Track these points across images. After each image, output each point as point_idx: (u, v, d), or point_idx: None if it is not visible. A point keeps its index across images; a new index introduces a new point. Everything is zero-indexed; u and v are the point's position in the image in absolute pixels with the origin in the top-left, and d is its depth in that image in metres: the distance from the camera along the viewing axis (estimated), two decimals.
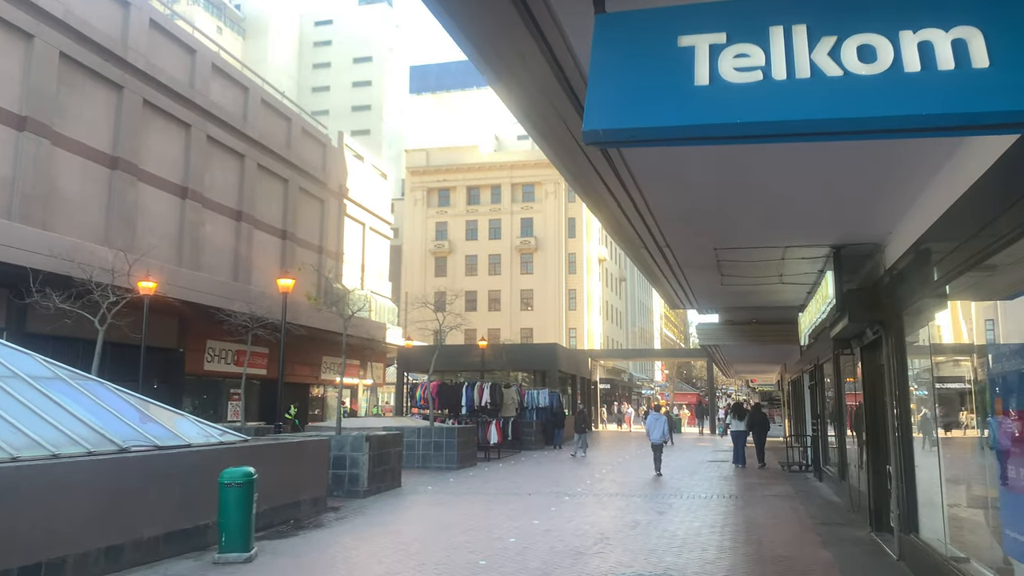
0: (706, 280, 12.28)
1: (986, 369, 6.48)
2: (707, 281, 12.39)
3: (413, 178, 74.16)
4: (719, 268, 10.91)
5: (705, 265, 10.93)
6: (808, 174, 6.96)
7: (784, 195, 7.59)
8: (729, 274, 11.41)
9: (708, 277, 11.94)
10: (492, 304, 70.02)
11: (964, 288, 7.19)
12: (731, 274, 11.43)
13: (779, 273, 11.51)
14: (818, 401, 18.31)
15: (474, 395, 26.86)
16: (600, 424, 54.44)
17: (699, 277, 12.06)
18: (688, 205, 7.79)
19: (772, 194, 7.52)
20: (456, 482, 18.10)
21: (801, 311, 14.30)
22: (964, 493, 7.55)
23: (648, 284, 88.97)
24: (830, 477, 16.57)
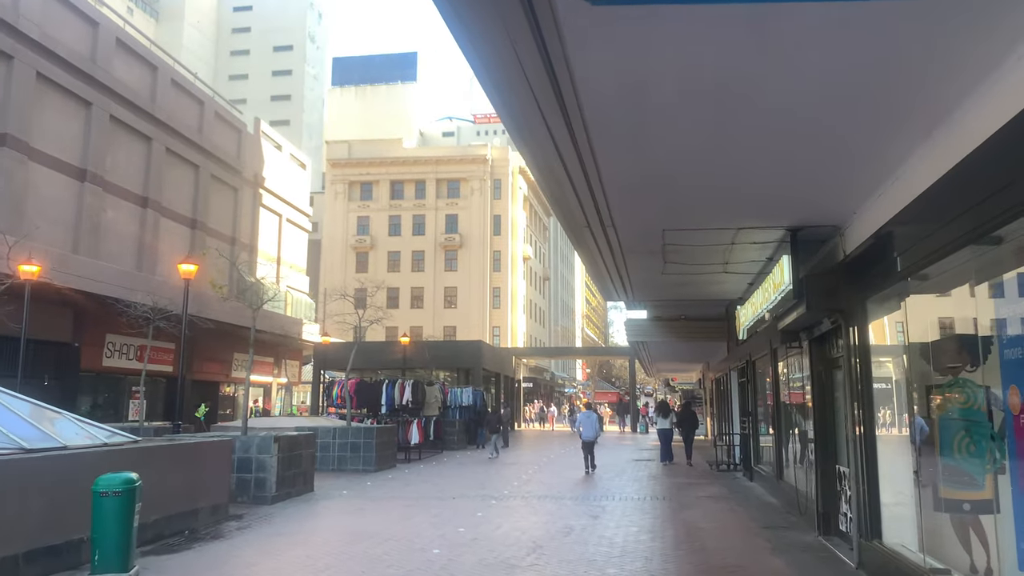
0: (647, 268, 11.48)
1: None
2: (648, 269, 11.58)
3: (334, 171, 72.06)
4: (664, 253, 10.10)
5: (649, 250, 10.10)
6: (773, 142, 6.16)
7: (744, 166, 6.78)
8: (673, 260, 10.62)
9: (650, 264, 11.14)
10: (415, 301, 68.61)
11: (941, 274, 6.51)
12: (675, 260, 10.64)
13: (725, 261, 10.79)
14: (750, 399, 17.83)
15: (395, 393, 25.62)
16: (523, 423, 53.73)
17: (640, 264, 11.25)
18: (642, 172, 6.88)
19: (731, 164, 6.70)
20: (374, 485, 16.90)
21: (740, 304, 13.69)
22: (935, 498, 6.88)
23: (571, 284, 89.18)
24: (764, 477, 16.07)
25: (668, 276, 11.91)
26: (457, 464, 22.65)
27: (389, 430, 21.95)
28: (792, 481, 12.91)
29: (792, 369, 12.94)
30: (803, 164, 6.76)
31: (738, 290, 13.74)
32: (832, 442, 10.06)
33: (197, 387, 33.59)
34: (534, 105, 5.33)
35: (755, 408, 17.22)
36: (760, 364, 16.18)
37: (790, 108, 5.50)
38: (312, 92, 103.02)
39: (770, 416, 14.52)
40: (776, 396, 14.00)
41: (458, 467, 21.73)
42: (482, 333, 62.34)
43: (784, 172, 6.93)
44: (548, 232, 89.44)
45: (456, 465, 22.34)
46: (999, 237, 5.38)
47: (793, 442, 12.91)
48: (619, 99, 5.34)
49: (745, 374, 18.47)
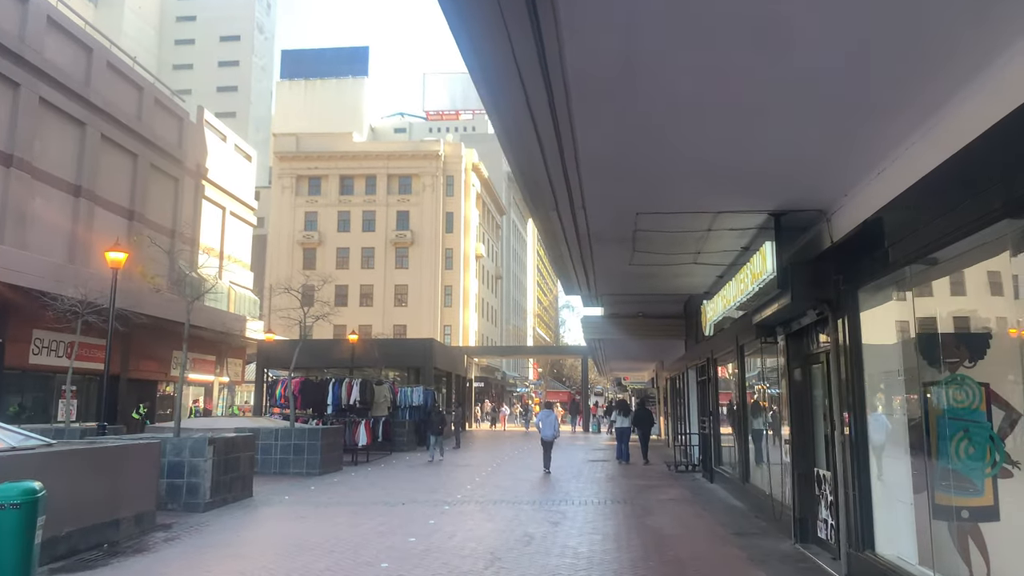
0: (614, 257, 10.75)
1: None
2: (615, 258, 10.86)
3: (282, 164, 70.29)
4: (634, 241, 9.38)
5: (619, 238, 9.37)
6: (766, 116, 5.48)
7: (732, 138, 6.07)
8: (642, 250, 9.91)
9: (618, 254, 10.42)
10: (364, 299, 67.25)
11: (942, 263, 5.90)
12: (644, 250, 9.93)
13: (697, 251, 10.12)
14: (711, 397, 17.28)
15: (342, 393, 24.55)
16: (475, 423, 52.88)
17: (608, 253, 10.51)
18: (622, 142, 6.11)
19: (720, 134, 5.99)
20: (318, 490, 15.89)
21: (707, 299, 13.06)
22: (932, 505, 6.27)
23: (523, 283, 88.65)
24: (726, 479, 15.50)
25: (635, 267, 11.21)
26: (407, 467, 21.71)
27: (335, 431, 20.91)
28: (760, 484, 12.33)
29: (762, 367, 12.36)
30: (796, 138, 6.09)
31: (705, 284, 13.13)
32: (809, 443, 9.45)
33: (134, 386, 32.03)
34: (510, 59, 4.53)
35: (716, 407, 16.67)
36: (724, 361, 15.61)
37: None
38: (260, 84, 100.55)
39: (736, 416, 13.94)
40: (742, 395, 13.42)
41: (408, 470, 20.80)
42: (433, 332, 61.34)
43: (776, 144, 6.25)
44: (501, 231, 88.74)
45: (406, 468, 21.41)
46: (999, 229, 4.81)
47: (762, 443, 12.33)
48: (606, 48, 4.56)
49: (706, 372, 17.92)
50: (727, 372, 15.72)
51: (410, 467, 21.61)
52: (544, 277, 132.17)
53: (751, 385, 13.27)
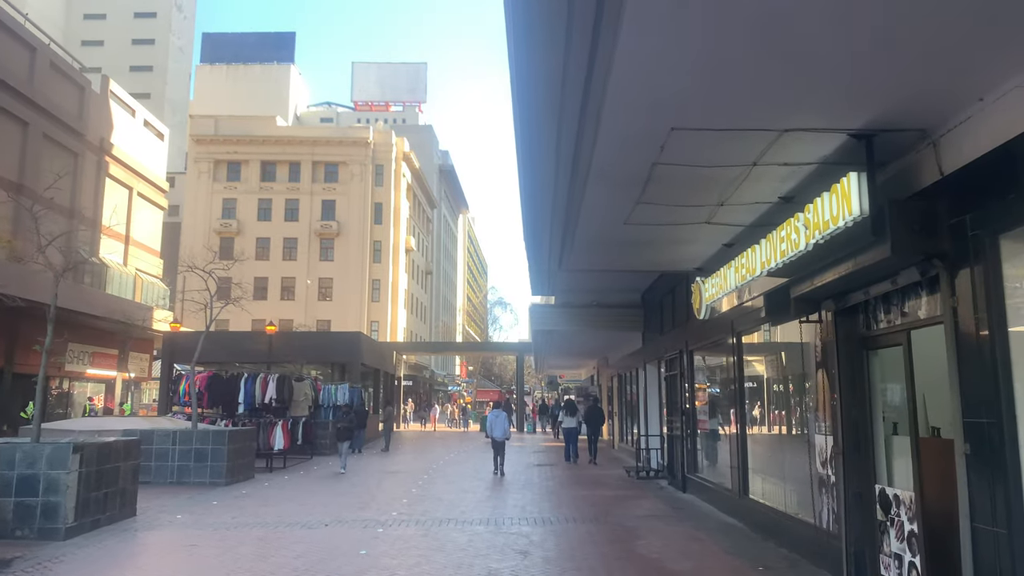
0: (609, 211, 8.36)
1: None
2: (608, 214, 8.47)
3: (198, 148, 65.91)
4: (647, 183, 7.01)
5: (627, 178, 6.99)
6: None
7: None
8: (651, 200, 7.55)
9: (615, 206, 8.04)
10: (285, 292, 63.54)
11: None
12: (653, 200, 7.56)
13: (720, 201, 7.81)
14: (684, 395, 15.10)
15: (255, 389, 21.54)
16: (403, 423, 50.00)
17: (602, 205, 8.10)
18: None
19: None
20: (222, 506, 13.04)
21: (702, 275, 10.80)
22: None
23: (453, 280, 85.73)
24: (708, 490, 13.32)
25: (630, 228, 8.84)
26: (330, 474, 18.90)
27: (246, 433, 17.96)
28: (768, 500, 10.11)
29: (781, 359, 10.14)
30: (905, 40, 3.83)
31: (702, 255, 10.86)
32: (867, 453, 7.24)
33: (22, 382, 28.20)
34: None
35: (692, 406, 14.48)
36: (709, 351, 13.37)
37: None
38: (177, 65, 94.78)
39: (728, 416, 11.71)
40: (738, 391, 11.20)
41: (331, 479, 18.02)
42: (360, 327, 58.12)
43: (878, 44, 3.95)
44: (432, 224, 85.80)
45: (329, 476, 18.60)
46: None
47: (771, 449, 10.12)
48: None
49: (677, 366, 15.74)
50: (712, 364, 13.53)
51: (334, 475, 18.81)
52: (474, 275, 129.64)
53: (752, 379, 11.07)
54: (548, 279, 18.24)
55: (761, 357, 10.98)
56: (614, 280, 18.65)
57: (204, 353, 30.64)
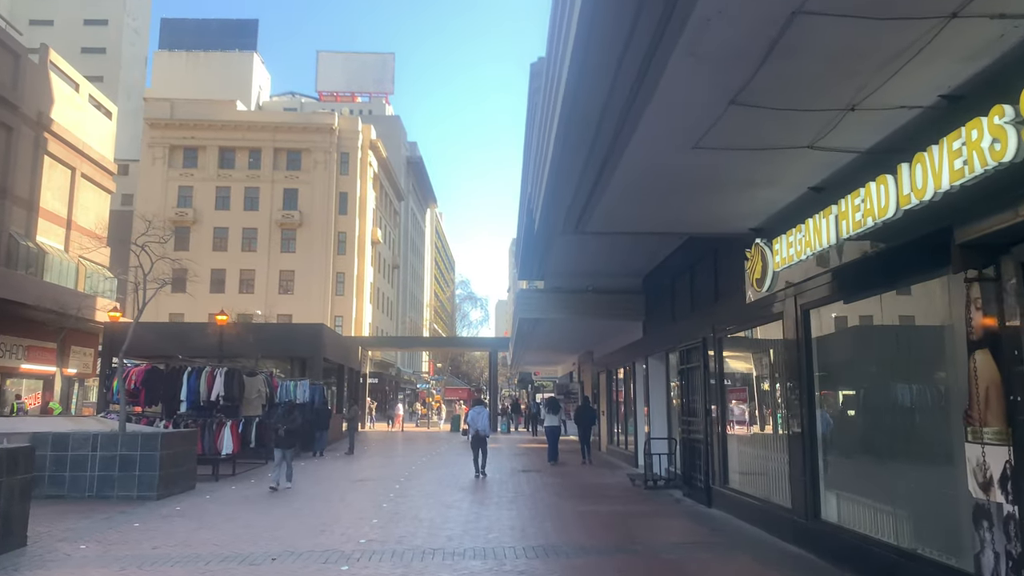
0: (683, 119, 5.90)
1: None
2: (680, 124, 6.02)
3: (153, 132, 62.50)
4: (765, 57, 4.59)
5: (738, 45, 4.56)
6: None
7: None
8: (749, 102, 5.14)
9: (698, 103, 5.60)
10: (244, 285, 60.38)
11: None
12: (754, 101, 5.17)
13: (851, 103, 5.42)
14: (709, 392, 12.74)
15: (200, 385, 18.79)
16: (368, 423, 47.22)
17: (678, 100, 5.62)
18: None
19: None
20: (145, 529, 10.38)
21: (762, 236, 8.43)
22: None
23: (421, 275, 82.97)
24: (743, 505, 10.98)
25: (698, 155, 6.42)
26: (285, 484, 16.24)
27: (185, 436, 15.23)
28: (868, 528, 7.73)
29: (860, 335, 7.77)
30: None
31: (773, 205, 8.39)
32: None
33: None
34: None
35: (722, 404, 12.11)
36: (762, 335, 10.90)
37: None
38: (133, 48, 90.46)
39: (793, 414, 9.29)
40: (805, 384, 8.81)
41: (287, 491, 15.38)
42: (323, 322, 55.14)
43: None
44: (399, 217, 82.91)
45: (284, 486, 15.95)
46: None
47: (879, 462, 7.73)
48: None
49: (698, 356, 13.38)
50: (755, 352, 11.14)
51: (290, 483, 16.17)
52: (442, 272, 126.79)
53: (829, 368, 8.67)
54: (541, 257, 15.84)
55: (847, 337, 8.58)
56: (613, 262, 16.34)
57: (148, 346, 27.74)
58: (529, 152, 10.11)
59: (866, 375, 8.02)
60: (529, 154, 10.15)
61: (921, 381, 6.89)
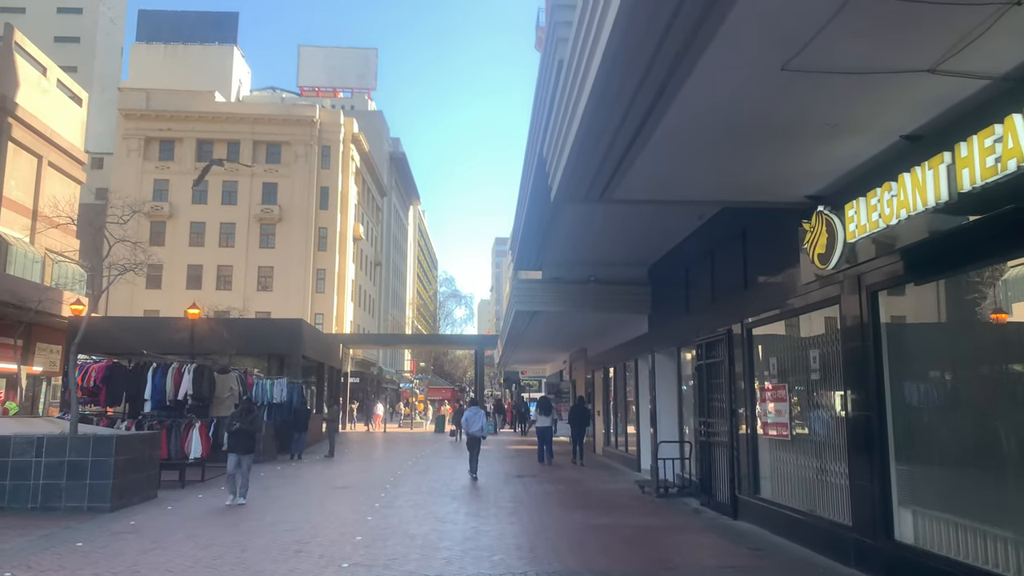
0: (772, 29, 4.50)
1: None
2: (768, 37, 4.61)
3: (128, 123, 60.46)
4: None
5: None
6: None
7: None
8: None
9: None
10: (222, 281, 58.53)
11: None
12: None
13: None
14: (735, 390, 11.38)
15: (167, 383, 17.21)
16: (349, 424, 45.64)
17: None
18: None
19: None
20: (88, 551, 8.85)
21: (827, 204, 7.06)
22: None
23: (403, 272, 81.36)
24: (779, 519, 9.62)
25: (783, 83, 5.02)
26: (259, 490, 14.72)
27: (145, 440, 13.65)
28: (969, 555, 6.36)
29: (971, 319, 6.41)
30: None
31: (847, 163, 6.98)
32: None
33: None
34: None
35: (752, 402, 10.74)
36: (808, 323, 9.50)
37: None
38: (108, 38, 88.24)
39: (863, 414, 7.89)
40: (875, 376, 7.44)
41: (260, 498, 13.85)
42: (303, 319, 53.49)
43: None
44: (382, 214, 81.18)
45: (258, 492, 14.41)
46: None
47: (991, 472, 6.35)
48: None
49: (722, 350, 12.03)
50: (798, 343, 9.76)
51: (264, 491, 14.65)
52: (424, 270, 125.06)
53: (908, 360, 7.28)
54: (541, 243, 14.46)
55: (933, 322, 7.22)
56: (618, 249, 15.04)
57: (115, 342, 26.08)
58: (542, 111, 8.70)
59: (957, 367, 6.67)
60: (542, 114, 8.74)
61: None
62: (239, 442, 12.99)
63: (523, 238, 14.55)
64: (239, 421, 13.20)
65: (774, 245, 9.36)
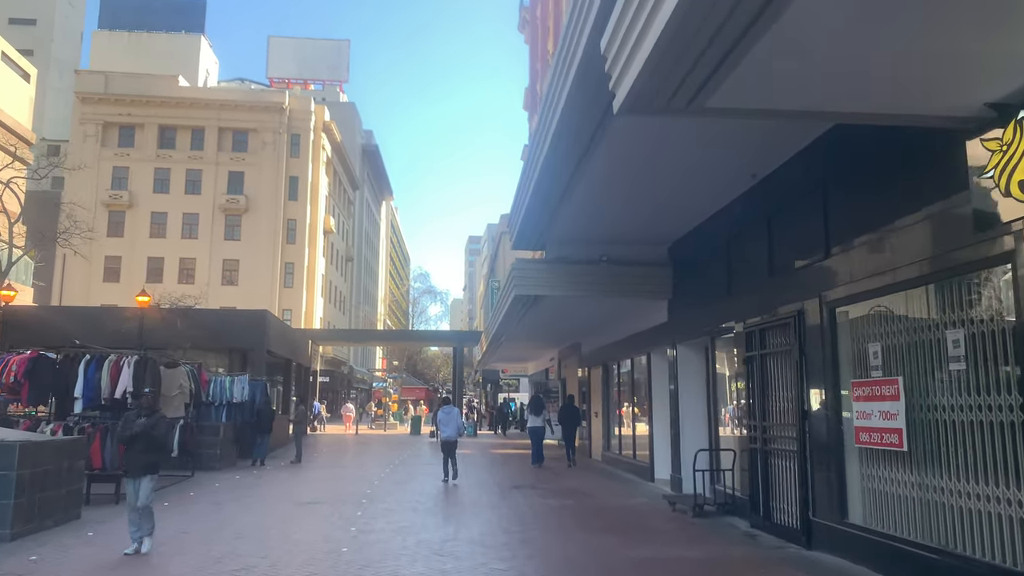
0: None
1: None
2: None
3: (85, 108, 57.06)
4: None
5: None
6: None
7: None
8: None
9: None
10: (184, 275, 55.41)
11: None
12: None
13: None
14: (811, 384, 9.10)
15: (102, 378, 14.57)
16: (319, 425, 42.93)
17: None
18: None
19: None
20: None
21: (1004, 115, 4.73)
22: None
23: (375, 269, 78.29)
24: (889, 555, 7.35)
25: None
26: (210, 505, 12.16)
27: (65, 447, 11.02)
28: None
29: None
30: None
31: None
32: None
33: None
34: None
35: (834, 401, 8.45)
36: (953, 292, 7.27)
37: None
38: (68, 21, 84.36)
39: None
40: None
41: (208, 521, 11.31)
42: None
43: None
44: (353, 207, 78.32)
45: (208, 507, 11.85)
46: None
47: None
48: None
49: (784, 336, 9.75)
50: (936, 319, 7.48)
51: (215, 508, 12.10)
52: (397, 267, 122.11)
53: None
54: (552, 210, 12.09)
55: None
56: (639, 219, 12.81)
57: (55, 333, 23.19)
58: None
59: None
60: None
61: None
62: (134, 458, 8.78)
63: (529, 205, 12.18)
64: (129, 428, 8.90)
65: (896, 184, 7.10)
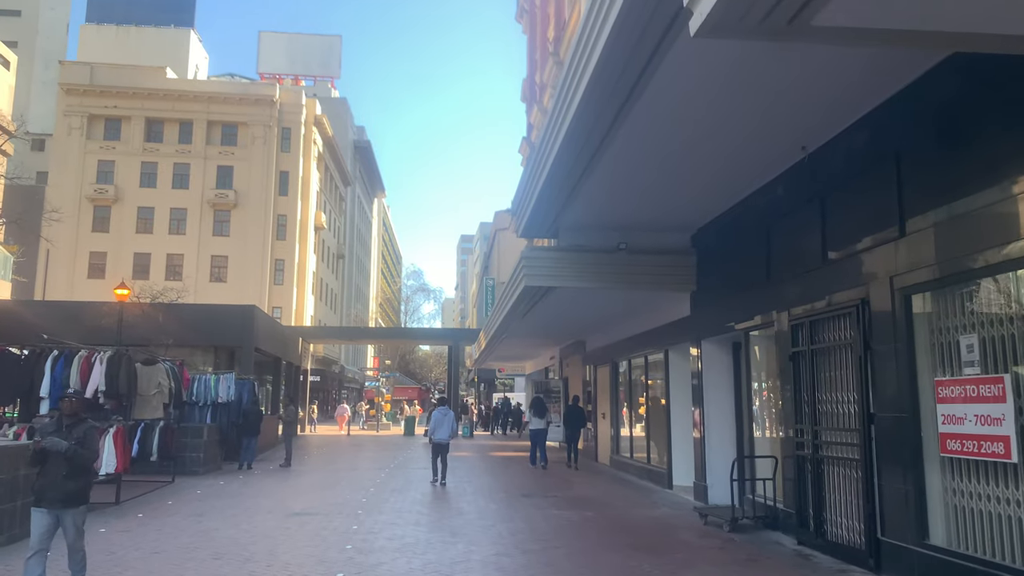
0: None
1: None
2: None
3: (70, 99, 55.54)
4: None
5: None
6: None
7: None
8: None
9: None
10: (171, 271, 53.99)
11: None
12: None
13: None
14: (878, 383, 7.93)
15: (71, 375, 13.26)
16: (309, 426, 41.65)
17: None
18: None
19: None
20: None
21: None
22: None
23: (367, 267, 76.90)
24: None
25: None
26: (189, 522, 10.90)
27: (18, 453, 9.76)
28: None
29: None
30: None
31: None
32: None
33: None
34: None
35: (912, 406, 7.29)
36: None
37: None
38: (53, 13, 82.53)
39: None
40: None
41: (185, 536, 10.04)
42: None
43: None
44: (345, 204, 76.94)
45: (188, 519, 10.60)
46: None
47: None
48: None
49: (842, 331, 8.58)
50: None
51: (195, 521, 10.84)
52: (389, 265, 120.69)
53: None
54: (572, 186, 10.88)
55: None
56: (665, 199, 11.61)
57: (29, 328, 21.84)
58: None
59: None
60: None
61: None
62: (52, 484, 6.37)
63: (544, 183, 10.94)
64: (50, 432, 6.58)
65: (998, 141, 5.95)
